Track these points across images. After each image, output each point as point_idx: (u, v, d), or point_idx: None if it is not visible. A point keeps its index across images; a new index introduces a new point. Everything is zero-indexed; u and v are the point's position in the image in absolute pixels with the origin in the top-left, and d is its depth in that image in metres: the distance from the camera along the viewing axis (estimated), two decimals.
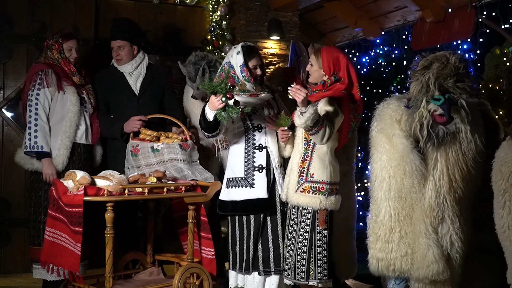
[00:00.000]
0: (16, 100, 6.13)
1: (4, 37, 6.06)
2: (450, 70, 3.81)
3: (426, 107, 3.88)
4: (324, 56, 4.54)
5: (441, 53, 3.93)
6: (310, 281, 4.39)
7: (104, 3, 6.57)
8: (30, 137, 5.00)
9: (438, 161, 3.93)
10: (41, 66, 5.12)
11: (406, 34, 8.04)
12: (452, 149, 3.90)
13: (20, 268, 5.98)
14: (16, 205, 6.07)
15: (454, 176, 3.91)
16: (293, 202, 4.47)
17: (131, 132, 5.14)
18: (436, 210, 3.94)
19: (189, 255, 4.85)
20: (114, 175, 4.52)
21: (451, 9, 6.44)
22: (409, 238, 4.01)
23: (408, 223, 4.02)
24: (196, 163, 5.07)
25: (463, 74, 3.83)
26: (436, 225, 3.99)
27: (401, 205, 4.02)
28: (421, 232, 3.98)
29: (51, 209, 4.45)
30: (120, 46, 5.37)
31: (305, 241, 4.39)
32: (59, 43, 5.18)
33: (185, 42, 6.84)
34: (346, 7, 7.39)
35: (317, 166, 4.41)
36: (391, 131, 4.04)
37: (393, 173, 4.02)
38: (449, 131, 3.88)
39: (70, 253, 4.30)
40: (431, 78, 3.85)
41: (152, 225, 5.25)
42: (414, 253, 4.00)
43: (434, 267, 3.94)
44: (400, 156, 3.99)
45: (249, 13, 7.12)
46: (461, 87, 3.80)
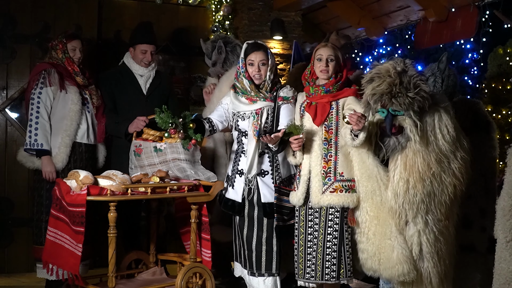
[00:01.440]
0: (20, 100, 6.15)
1: (7, 37, 6.07)
2: (385, 87, 3.83)
3: (373, 120, 4.02)
4: (339, 52, 4.53)
5: (385, 65, 3.95)
6: (342, 280, 4.36)
7: (107, 3, 6.58)
8: (30, 134, 5.05)
9: (398, 165, 4.02)
10: (45, 66, 5.16)
11: (409, 33, 8.07)
12: (410, 151, 3.97)
13: (23, 267, 6.00)
14: (19, 204, 6.08)
15: (413, 179, 3.96)
16: (322, 203, 4.34)
17: (134, 131, 5.16)
18: (398, 212, 4.02)
19: (192, 255, 4.85)
20: (117, 174, 4.53)
21: (454, 9, 6.43)
22: (377, 239, 4.13)
23: (376, 224, 4.15)
24: (198, 163, 5.08)
25: (401, 90, 3.81)
26: (402, 227, 4.07)
27: (370, 207, 4.17)
28: (386, 233, 4.09)
29: (53, 208, 4.45)
30: (152, 51, 5.50)
31: (335, 240, 4.31)
32: (63, 43, 5.21)
33: (188, 42, 6.84)
34: (349, 7, 7.38)
35: (345, 164, 4.34)
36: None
37: (359, 177, 4.20)
38: (400, 141, 3.98)
39: (70, 254, 4.31)
40: (369, 95, 3.93)
41: (155, 225, 5.26)
42: (381, 254, 4.11)
43: (399, 268, 4.03)
44: (361, 160, 4.16)
45: (251, 13, 7.12)
46: (396, 103, 3.81)
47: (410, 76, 3.87)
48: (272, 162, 4.65)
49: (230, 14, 7.01)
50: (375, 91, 3.87)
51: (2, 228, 6.01)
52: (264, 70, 4.61)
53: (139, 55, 5.46)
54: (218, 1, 6.95)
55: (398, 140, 3.97)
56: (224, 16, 6.95)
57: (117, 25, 6.60)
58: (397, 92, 3.81)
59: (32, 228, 5.37)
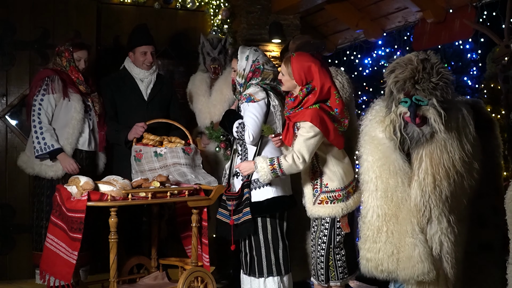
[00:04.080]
0: (20, 107, 6.15)
1: (6, 44, 6.07)
2: (408, 73, 3.81)
3: (396, 111, 3.93)
4: (294, 66, 4.38)
5: (407, 55, 3.94)
6: (332, 282, 4.44)
7: (106, 9, 6.59)
8: (38, 140, 5.06)
9: (423, 161, 3.93)
10: (48, 72, 5.18)
11: (407, 35, 8.04)
12: (437, 148, 3.90)
13: (25, 274, 5.98)
14: (20, 211, 6.08)
15: (439, 176, 3.89)
16: (313, 215, 4.45)
17: (134, 138, 5.17)
18: (422, 210, 3.94)
19: (193, 259, 4.86)
20: (118, 180, 4.54)
21: (451, 10, 6.44)
22: (395, 238, 4.01)
23: (394, 222, 4.02)
24: (199, 167, 5.10)
25: (424, 76, 3.79)
26: (424, 225, 3.98)
27: (387, 205, 4.02)
28: (408, 231, 3.97)
29: (53, 215, 4.47)
30: (151, 52, 5.53)
31: (323, 245, 4.40)
32: (70, 52, 5.24)
33: (186, 46, 6.85)
34: (347, 9, 7.39)
35: (328, 176, 4.41)
36: (374, 132, 4.08)
37: (379, 173, 4.03)
38: (424, 132, 3.90)
39: (64, 262, 4.32)
40: (392, 82, 3.89)
41: (156, 230, 5.27)
42: (400, 253, 3.99)
43: (419, 267, 3.93)
44: (384, 156, 4.02)
45: (250, 17, 7.12)
46: (420, 88, 3.79)
47: (433, 63, 3.84)
48: None
49: (229, 18, 7.02)
50: (398, 78, 3.84)
51: (4, 234, 6.01)
52: (234, 76, 4.83)
53: (140, 57, 5.48)
54: (216, 5, 6.96)
55: (422, 131, 3.90)
56: (223, 20, 6.97)
57: (116, 31, 6.60)
58: (420, 77, 3.78)
59: (32, 235, 5.37)
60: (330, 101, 4.41)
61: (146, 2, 6.71)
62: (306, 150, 4.25)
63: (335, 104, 4.40)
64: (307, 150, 4.25)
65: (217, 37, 5.94)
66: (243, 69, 4.73)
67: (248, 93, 4.64)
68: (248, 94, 4.62)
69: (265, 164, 4.30)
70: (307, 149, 4.25)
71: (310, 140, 4.25)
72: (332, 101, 4.40)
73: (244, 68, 4.73)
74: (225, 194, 4.65)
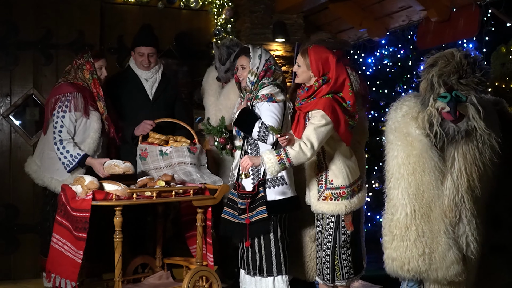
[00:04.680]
0: (23, 107, 6.15)
1: (9, 44, 6.07)
2: (453, 67, 3.75)
3: (433, 105, 3.82)
4: (312, 56, 4.42)
5: (448, 50, 3.87)
6: (338, 282, 4.41)
7: (109, 9, 6.58)
8: (64, 155, 4.89)
9: (456, 159, 3.85)
10: (71, 89, 5.01)
11: (411, 34, 8.04)
12: (469, 147, 3.83)
13: (29, 274, 5.99)
14: (24, 211, 6.08)
15: (472, 175, 3.82)
16: (317, 210, 4.45)
17: (140, 135, 5.17)
18: (455, 209, 3.85)
19: (198, 259, 4.86)
20: (119, 164, 4.56)
21: (456, 8, 6.42)
22: (426, 237, 3.90)
23: (426, 221, 3.91)
24: (204, 166, 5.09)
25: (468, 71, 3.76)
26: (454, 225, 3.90)
27: (418, 203, 3.91)
28: (440, 231, 3.88)
29: (58, 214, 4.47)
30: (151, 53, 5.49)
31: (329, 244, 4.39)
32: (91, 63, 5.11)
33: (190, 46, 6.84)
34: (351, 8, 7.37)
35: (334, 172, 4.40)
36: (407, 129, 3.96)
37: (412, 170, 3.91)
38: (460, 129, 3.81)
39: (70, 261, 4.31)
40: (435, 76, 3.81)
41: (161, 229, 5.26)
42: (432, 253, 3.88)
43: (454, 267, 3.85)
44: (419, 153, 3.90)
45: (253, 16, 7.12)
46: (465, 83, 3.74)
47: (476, 59, 3.80)
48: None
49: (232, 18, 7.01)
50: (442, 72, 3.78)
51: (8, 235, 6.01)
52: (245, 74, 4.81)
53: (138, 58, 5.47)
54: (220, 4, 6.95)
55: (458, 127, 3.81)
56: (226, 19, 6.96)
57: (120, 31, 6.60)
58: (464, 72, 3.73)
59: (39, 236, 5.32)
60: (343, 93, 4.43)
61: (149, 2, 6.70)
62: (315, 137, 4.23)
63: (348, 96, 4.42)
64: (316, 138, 4.23)
65: (227, 51, 5.70)
66: (256, 67, 4.76)
67: (269, 92, 4.70)
68: (269, 94, 4.68)
69: (271, 156, 4.27)
70: (316, 137, 4.23)
71: (321, 129, 4.25)
72: (346, 93, 4.42)
73: (258, 67, 4.76)
74: (238, 193, 4.64)
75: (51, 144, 4.98)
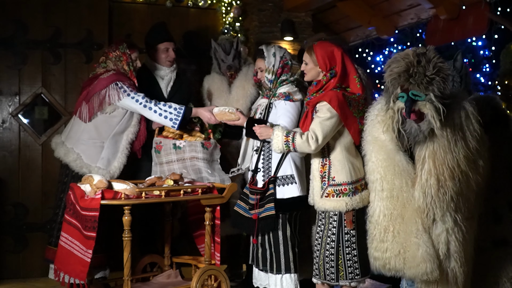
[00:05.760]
0: (32, 106, 6.16)
1: (18, 43, 6.09)
2: (403, 67, 3.76)
3: (394, 106, 3.87)
4: (318, 52, 4.43)
5: (404, 51, 3.91)
6: (341, 282, 4.37)
7: (117, 7, 6.59)
8: (168, 111, 5.01)
9: (426, 162, 3.89)
10: (122, 77, 5.06)
11: (420, 32, 8.03)
12: (440, 148, 3.85)
13: (38, 272, 6.01)
14: (33, 210, 6.10)
15: (443, 176, 3.85)
16: (320, 208, 4.41)
17: (157, 128, 5.18)
18: (426, 211, 3.92)
19: (207, 257, 4.85)
20: (233, 110, 4.81)
21: (465, 6, 6.41)
22: (401, 238, 4.01)
23: (400, 222, 4.02)
24: (216, 162, 5.10)
25: (419, 69, 3.73)
26: (429, 225, 3.96)
27: (393, 205, 4.02)
28: (413, 231, 3.97)
29: (67, 213, 4.47)
30: (173, 48, 5.52)
31: (332, 243, 4.35)
32: (128, 54, 5.14)
33: (198, 44, 6.84)
34: (359, 6, 7.37)
35: (336, 168, 4.36)
36: (376, 133, 4.05)
37: (383, 174, 4.03)
38: (421, 128, 3.83)
39: (79, 261, 4.31)
40: (387, 77, 3.85)
41: (169, 228, 5.26)
42: (406, 252, 4.00)
43: (422, 266, 3.93)
44: (388, 157, 4.01)
45: (262, 14, 7.11)
46: (413, 82, 3.74)
47: (430, 57, 3.79)
48: (266, 160, 4.71)
49: (240, 16, 7.01)
50: (393, 72, 3.81)
51: (17, 233, 6.03)
52: (262, 75, 4.89)
53: (162, 54, 5.47)
54: (228, 3, 6.95)
55: (420, 127, 3.84)
56: (234, 18, 6.96)
57: (128, 29, 6.59)
58: (414, 71, 3.74)
59: (52, 230, 5.30)
60: (351, 86, 4.46)
61: (158, 1, 6.70)
62: (320, 131, 4.25)
63: (356, 88, 4.45)
64: (321, 131, 4.25)
65: (228, 41, 5.86)
66: (272, 65, 4.80)
67: (287, 91, 4.75)
68: (287, 93, 4.74)
69: (280, 133, 4.35)
70: (321, 130, 4.25)
71: (326, 122, 4.26)
72: (353, 85, 4.46)
73: (274, 64, 4.80)
74: (250, 187, 4.65)
75: (99, 131, 5.04)
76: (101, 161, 5.03)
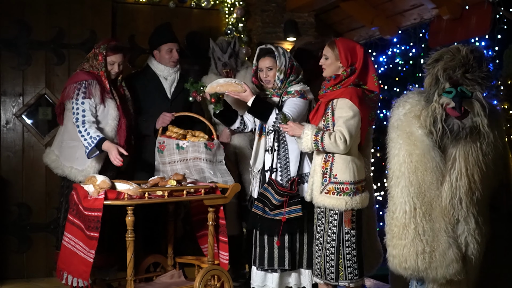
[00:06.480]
0: (36, 106, 6.18)
1: (22, 44, 6.10)
2: (459, 61, 3.70)
3: (438, 101, 3.76)
4: (340, 46, 4.45)
5: (453, 46, 3.84)
6: (341, 282, 4.37)
7: (121, 8, 6.59)
8: (85, 137, 4.85)
9: (457, 161, 3.79)
10: (86, 76, 5.01)
11: (423, 32, 8.01)
12: (472, 148, 3.76)
13: (42, 272, 6.03)
14: (37, 210, 6.11)
15: (473, 177, 3.77)
16: (318, 203, 4.43)
17: (160, 127, 5.19)
18: (451, 211, 3.82)
19: (210, 257, 4.86)
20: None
21: (468, 6, 6.39)
22: (427, 235, 3.86)
23: (427, 220, 3.87)
24: (221, 163, 5.10)
25: (474, 65, 3.70)
26: (453, 225, 3.87)
27: (420, 201, 3.87)
28: (441, 229, 3.86)
29: (70, 213, 4.48)
30: (177, 49, 5.56)
31: (333, 242, 4.36)
32: (103, 56, 5.08)
33: (201, 45, 6.82)
34: (362, 7, 7.35)
35: (340, 166, 4.37)
36: (410, 128, 3.90)
37: (414, 169, 3.87)
38: (465, 125, 3.74)
39: (82, 261, 4.32)
40: (440, 70, 3.76)
41: (172, 228, 5.27)
42: (433, 251, 3.85)
43: (454, 266, 3.82)
44: (421, 153, 3.85)
45: (265, 15, 7.11)
46: (470, 77, 3.69)
47: (481, 54, 3.76)
48: (283, 160, 4.76)
49: (243, 16, 7.00)
50: (448, 66, 3.74)
51: (21, 233, 6.05)
52: (272, 74, 4.87)
53: (166, 55, 5.49)
54: (231, 3, 6.95)
55: (463, 124, 3.74)
56: (237, 18, 6.96)
57: (131, 30, 6.61)
58: (471, 67, 3.70)
59: (57, 234, 5.30)
60: (369, 83, 4.51)
61: (161, 1, 6.71)
62: (346, 131, 4.28)
63: (373, 86, 4.52)
64: (347, 131, 4.28)
65: (226, 41, 5.92)
66: (284, 65, 4.82)
67: (302, 89, 4.81)
68: (302, 91, 4.80)
69: (310, 132, 4.35)
70: (347, 130, 4.28)
71: (350, 121, 4.30)
72: (371, 83, 4.52)
73: (285, 64, 4.82)
74: (280, 190, 4.64)
75: (71, 133, 5.03)
76: (77, 162, 5.01)
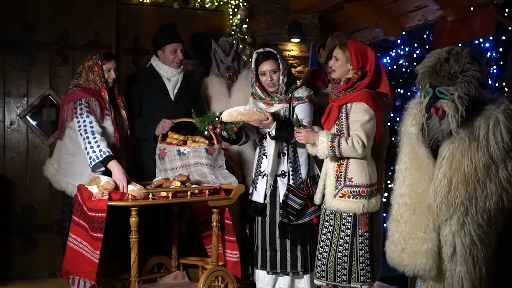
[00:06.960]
0: (40, 107, 6.18)
1: (26, 45, 6.11)
2: (432, 62, 3.75)
3: (423, 101, 3.85)
4: (351, 49, 4.39)
5: (440, 49, 3.88)
6: (353, 284, 4.35)
7: (125, 9, 6.60)
8: (93, 149, 4.71)
9: (444, 162, 3.84)
10: (84, 94, 4.90)
11: (427, 33, 8.01)
12: (458, 152, 3.79)
13: (46, 273, 6.04)
14: (41, 211, 6.12)
15: (456, 180, 3.78)
16: (332, 207, 4.38)
17: (160, 134, 5.18)
18: (436, 211, 3.87)
19: (214, 259, 4.86)
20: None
21: (472, 7, 6.39)
22: (407, 229, 3.96)
23: (411, 214, 3.95)
24: (222, 167, 5.09)
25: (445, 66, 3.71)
26: (439, 225, 3.90)
27: (410, 196, 3.96)
28: (421, 226, 3.92)
29: (75, 214, 4.48)
30: (182, 49, 5.52)
31: (346, 245, 4.34)
32: (99, 66, 4.98)
33: (205, 46, 6.82)
34: (366, 8, 7.36)
35: (355, 169, 4.34)
36: (405, 125, 4.03)
37: (409, 165, 3.98)
38: (441, 127, 3.80)
39: (87, 261, 4.33)
40: (420, 72, 3.84)
41: (177, 229, 5.27)
42: (407, 244, 3.95)
43: (422, 261, 3.87)
44: (413, 150, 3.96)
45: (269, 16, 7.11)
46: (436, 77, 3.72)
47: (460, 57, 3.74)
48: (293, 163, 4.77)
49: (247, 18, 7.00)
50: (422, 66, 3.81)
51: (25, 234, 6.05)
52: (277, 77, 4.79)
53: (170, 55, 5.47)
54: (235, 5, 6.95)
55: (441, 125, 3.80)
56: (242, 19, 6.96)
57: (135, 31, 6.62)
58: (440, 68, 3.72)
59: (58, 235, 5.28)
60: (381, 87, 4.48)
61: (165, 2, 6.71)
62: (364, 134, 4.25)
63: (386, 89, 4.49)
64: (365, 134, 4.26)
65: (229, 43, 5.88)
66: (285, 68, 4.81)
67: (310, 94, 4.82)
68: (312, 96, 4.82)
69: (325, 139, 4.30)
70: (365, 133, 4.26)
71: (367, 124, 4.28)
72: (383, 87, 4.49)
73: (285, 67, 4.82)
74: (302, 194, 4.67)
75: (68, 148, 4.96)
76: (73, 177, 4.92)
